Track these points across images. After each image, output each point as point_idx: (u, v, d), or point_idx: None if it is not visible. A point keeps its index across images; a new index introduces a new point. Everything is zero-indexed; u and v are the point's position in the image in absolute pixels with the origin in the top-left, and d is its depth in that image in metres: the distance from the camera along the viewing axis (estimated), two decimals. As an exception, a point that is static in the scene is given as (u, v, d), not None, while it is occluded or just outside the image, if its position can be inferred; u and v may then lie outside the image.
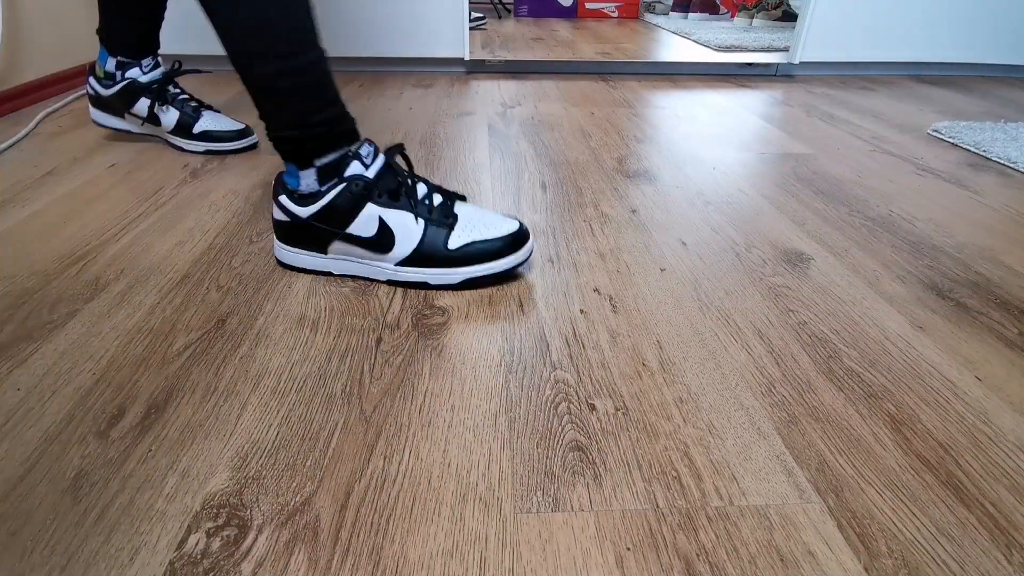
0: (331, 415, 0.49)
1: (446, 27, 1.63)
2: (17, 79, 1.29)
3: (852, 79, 1.78)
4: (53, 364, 0.54)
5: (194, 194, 0.89)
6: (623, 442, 0.47)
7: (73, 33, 1.45)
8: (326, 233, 0.65)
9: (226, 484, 0.42)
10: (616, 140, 1.17)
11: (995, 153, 1.12)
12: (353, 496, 0.42)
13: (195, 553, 0.38)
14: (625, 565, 0.38)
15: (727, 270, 0.71)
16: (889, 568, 0.38)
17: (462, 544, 0.39)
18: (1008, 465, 0.45)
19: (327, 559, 0.38)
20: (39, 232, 0.77)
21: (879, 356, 0.57)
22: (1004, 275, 0.72)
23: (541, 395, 0.51)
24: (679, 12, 2.86)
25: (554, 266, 0.72)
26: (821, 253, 0.76)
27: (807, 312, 0.64)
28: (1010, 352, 0.58)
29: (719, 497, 0.42)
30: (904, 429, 0.49)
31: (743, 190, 0.95)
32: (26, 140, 1.10)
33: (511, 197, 0.90)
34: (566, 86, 1.61)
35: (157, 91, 1.02)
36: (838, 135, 1.25)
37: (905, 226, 0.84)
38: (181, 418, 0.48)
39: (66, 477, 0.43)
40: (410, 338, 0.58)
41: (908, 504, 0.42)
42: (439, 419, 0.49)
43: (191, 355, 0.55)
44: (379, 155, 0.65)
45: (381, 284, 0.67)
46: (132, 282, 0.66)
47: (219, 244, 0.75)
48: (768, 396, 0.52)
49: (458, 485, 0.43)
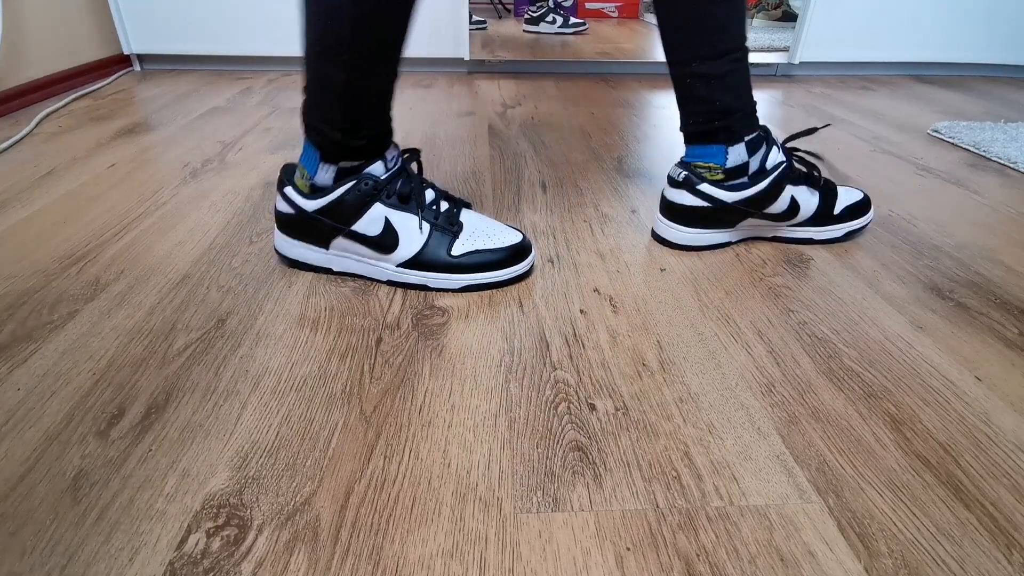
0: (331, 415, 0.49)
1: (446, 27, 1.63)
2: (17, 79, 1.29)
3: (852, 79, 1.78)
4: (53, 364, 0.54)
5: (194, 194, 0.89)
6: (623, 442, 0.47)
7: (73, 33, 1.45)
8: (330, 228, 0.65)
9: (226, 484, 0.42)
10: (616, 140, 1.17)
11: (995, 153, 1.12)
12: (353, 496, 0.42)
13: (195, 553, 0.38)
14: (625, 565, 0.38)
15: (727, 270, 0.71)
16: (889, 568, 0.38)
17: (462, 544, 0.39)
18: (1008, 465, 0.45)
19: (327, 559, 0.38)
20: (39, 232, 0.77)
21: (879, 356, 0.57)
22: (1004, 275, 0.72)
23: (541, 395, 0.51)
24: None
25: (554, 266, 0.72)
26: (821, 253, 0.76)
27: (807, 312, 0.64)
28: (1010, 352, 0.58)
29: (719, 497, 0.42)
30: (904, 429, 0.49)
31: (743, 190, 0.95)
32: (26, 140, 1.10)
33: (511, 197, 0.90)
34: (566, 86, 1.61)
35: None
36: (838, 135, 1.25)
37: (905, 226, 0.84)
38: (181, 418, 0.48)
39: (66, 477, 0.43)
40: (410, 338, 0.58)
41: (908, 504, 0.42)
42: (439, 419, 0.49)
43: (191, 355, 0.55)
44: (399, 159, 0.66)
45: (381, 284, 0.67)
46: (132, 282, 0.66)
47: (219, 244, 0.75)
48: (768, 396, 0.52)
49: (458, 485, 0.43)
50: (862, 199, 0.79)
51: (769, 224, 0.76)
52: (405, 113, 1.32)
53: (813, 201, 0.75)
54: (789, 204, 0.73)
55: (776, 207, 0.73)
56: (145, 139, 1.11)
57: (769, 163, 0.71)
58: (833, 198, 0.77)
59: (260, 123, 1.23)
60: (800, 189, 0.74)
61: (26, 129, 1.13)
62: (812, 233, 0.78)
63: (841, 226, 0.78)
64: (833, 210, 0.77)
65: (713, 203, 0.72)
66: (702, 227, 0.74)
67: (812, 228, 0.77)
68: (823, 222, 0.77)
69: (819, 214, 0.76)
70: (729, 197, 0.71)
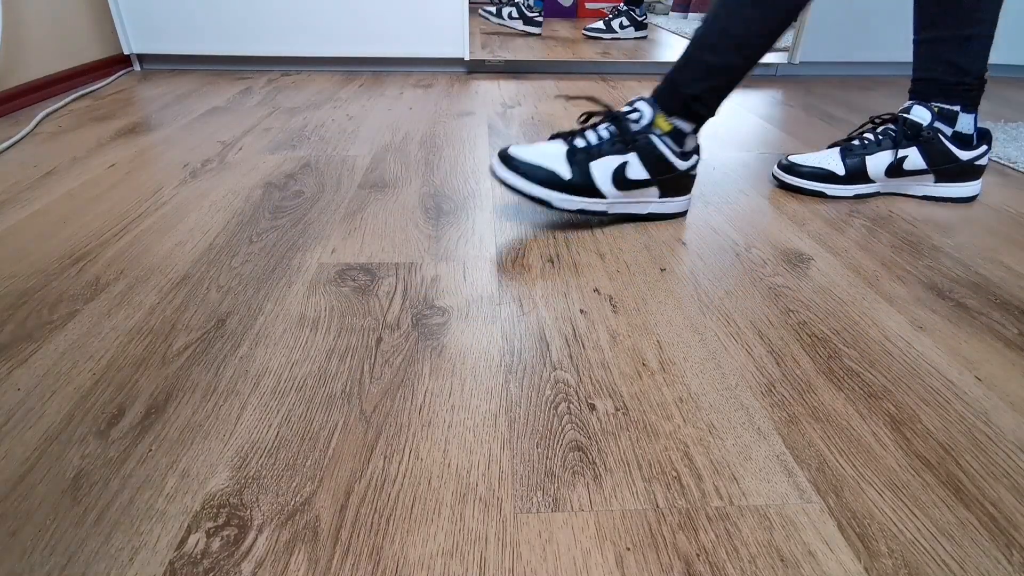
0: (331, 415, 0.49)
1: (446, 27, 1.63)
2: (17, 79, 1.29)
3: (852, 79, 1.78)
4: (53, 364, 0.54)
5: (194, 194, 0.89)
6: (623, 442, 0.47)
7: (73, 33, 1.45)
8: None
9: (226, 484, 0.42)
10: (616, 140, 1.17)
11: (995, 153, 1.12)
12: (353, 496, 0.42)
13: (195, 553, 0.38)
14: (625, 565, 0.38)
15: (727, 270, 0.71)
16: (889, 568, 0.38)
17: (462, 544, 0.39)
18: (1008, 465, 0.45)
19: (327, 559, 0.38)
20: (39, 232, 0.77)
21: (879, 356, 0.57)
22: (1004, 275, 0.72)
23: (541, 395, 0.51)
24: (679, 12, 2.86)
25: (554, 266, 0.72)
26: (821, 253, 0.76)
27: (807, 312, 0.64)
28: (1010, 352, 0.58)
29: (719, 497, 0.42)
30: (904, 429, 0.49)
31: (743, 190, 0.95)
32: (26, 140, 1.10)
33: (511, 197, 0.90)
34: (566, 86, 1.61)
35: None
36: (838, 135, 1.25)
37: (905, 226, 0.84)
38: (181, 418, 0.48)
39: (66, 477, 0.43)
40: (410, 338, 0.58)
41: (908, 504, 0.42)
42: (439, 419, 0.49)
43: (191, 355, 0.55)
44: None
45: (381, 284, 0.67)
46: (132, 282, 0.66)
47: (219, 244, 0.75)
48: (768, 396, 0.52)
49: (458, 485, 0.43)
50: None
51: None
52: (405, 113, 1.32)
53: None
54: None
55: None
56: (145, 139, 1.11)
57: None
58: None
59: (260, 123, 1.23)
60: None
61: (26, 129, 1.13)
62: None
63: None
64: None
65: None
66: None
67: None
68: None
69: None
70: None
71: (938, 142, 0.86)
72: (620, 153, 0.77)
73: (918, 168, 0.88)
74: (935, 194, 0.91)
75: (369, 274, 0.69)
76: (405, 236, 0.78)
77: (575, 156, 0.76)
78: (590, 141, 0.77)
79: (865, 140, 0.90)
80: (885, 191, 0.93)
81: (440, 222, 0.82)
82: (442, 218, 0.83)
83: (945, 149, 0.86)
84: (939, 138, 0.86)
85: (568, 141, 0.78)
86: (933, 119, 0.86)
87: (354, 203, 0.87)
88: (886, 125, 0.90)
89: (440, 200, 0.89)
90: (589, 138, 0.78)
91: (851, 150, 0.90)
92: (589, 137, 0.78)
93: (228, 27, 1.60)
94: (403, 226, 0.80)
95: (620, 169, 0.77)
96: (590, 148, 0.77)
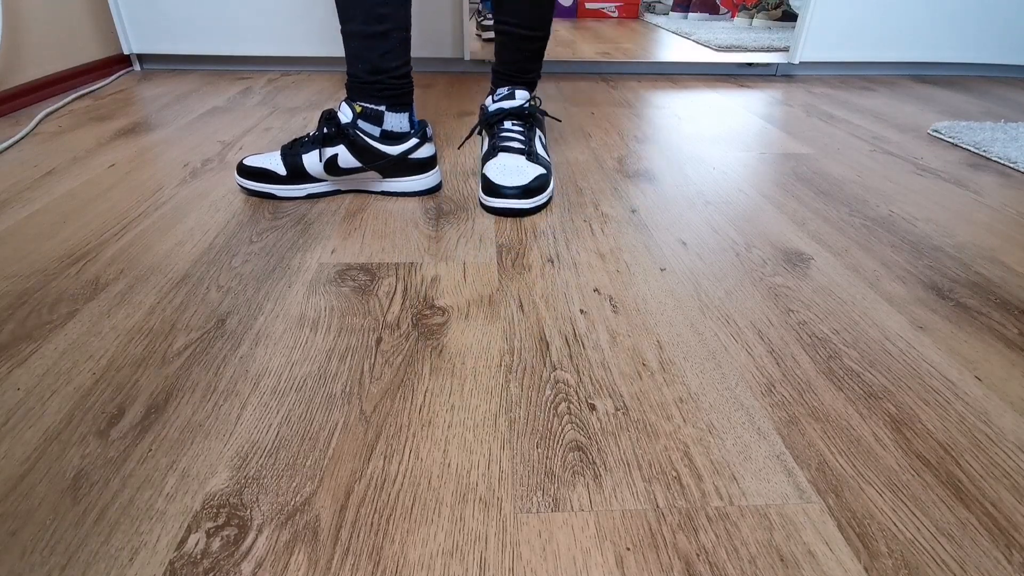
0: (331, 415, 0.49)
1: (446, 27, 1.63)
2: (17, 79, 1.29)
3: (852, 79, 1.78)
4: (53, 364, 0.54)
5: (194, 194, 0.89)
6: (623, 442, 0.47)
7: (73, 33, 1.45)
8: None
9: (226, 484, 0.42)
10: (616, 140, 1.17)
11: (995, 153, 1.12)
12: (353, 496, 0.42)
13: (195, 553, 0.38)
14: (625, 565, 0.38)
15: (727, 270, 0.72)
16: (889, 568, 0.38)
17: (462, 544, 0.39)
18: (1008, 465, 0.45)
19: (327, 559, 0.38)
20: (39, 232, 0.77)
21: (879, 356, 0.57)
22: (1004, 275, 0.72)
23: (541, 395, 0.51)
24: (679, 12, 2.86)
25: (554, 266, 0.72)
26: (821, 253, 0.76)
27: (807, 312, 0.64)
28: (1010, 352, 0.58)
29: (719, 497, 0.42)
30: (904, 429, 0.49)
31: (743, 190, 0.95)
32: (26, 140, 1.10)
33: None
34: (566, 86, 1.61)
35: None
36: (838, 135, 1.25)
37: (905, 226, 0.84)
38: (181, 418, 0.48)
39: (66, 477, 0.43)
40: (410, 338, 0.58)
41: (908, 504, 0.42)
42: (439, 419, 0.49)
43: (191, 355, 0.55)
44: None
45: (381, 284, 0.67)
46: (132, 282, 0.66)
47: (219, 244, 0.75)
48: (768, 396, 0.52)
49: (458, 485, 0.43)
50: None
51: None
52: (405, 113, 1.32)
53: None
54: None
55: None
56: (145, 139, 1.11)
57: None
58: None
59: (260, 123, 1.23)
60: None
61: (26, 129, 1.13)
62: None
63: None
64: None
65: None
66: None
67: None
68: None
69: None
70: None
71: (360, 140, 0.84)
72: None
73: (353, 166, 0.86)
74: (390, 189, 0.90)
75: (369, 274, 0.69)
76: (405, 236, 0.78)
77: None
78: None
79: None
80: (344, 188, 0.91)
81: (440, 222, 0.82)
82: (442, 218, 0.83)
83: (368, 146, 0.84)
84: (361, 136, 0.84)
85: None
86: (355, 118, 0.85)
87: (354, 203, 0.87)
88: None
89: (440, 200, 0.89)
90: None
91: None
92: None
93: (228, 27, 1.60)
94: (403, 226, 0.80)
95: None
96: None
